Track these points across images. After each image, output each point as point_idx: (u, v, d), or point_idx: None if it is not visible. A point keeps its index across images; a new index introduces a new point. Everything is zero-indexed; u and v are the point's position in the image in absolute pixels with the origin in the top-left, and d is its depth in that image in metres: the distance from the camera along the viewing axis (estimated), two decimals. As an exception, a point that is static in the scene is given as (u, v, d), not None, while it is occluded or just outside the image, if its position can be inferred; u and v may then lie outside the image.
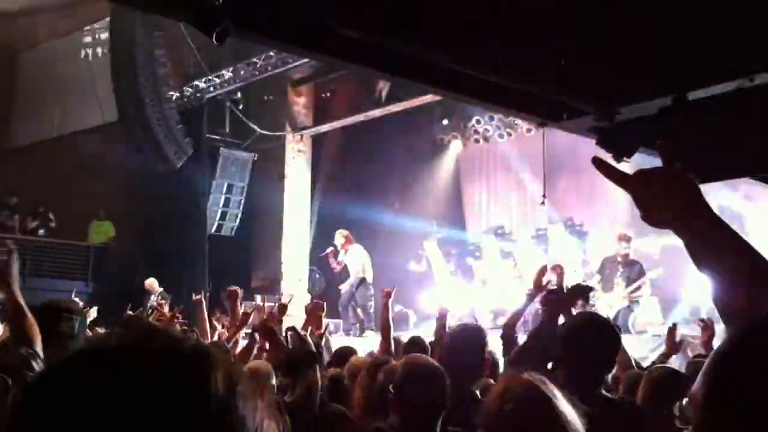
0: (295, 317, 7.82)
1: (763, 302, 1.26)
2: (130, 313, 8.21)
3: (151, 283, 13.77)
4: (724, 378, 1.08)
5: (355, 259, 14.09)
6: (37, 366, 3.08)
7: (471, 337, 4.03)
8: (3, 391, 2.91)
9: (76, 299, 6.27)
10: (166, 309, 8.03)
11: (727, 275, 1.38)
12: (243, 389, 0.84)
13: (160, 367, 0.80)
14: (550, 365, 4.29)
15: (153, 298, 13.11)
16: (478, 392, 3.72)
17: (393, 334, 6.11)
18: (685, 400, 3.61)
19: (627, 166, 3.19)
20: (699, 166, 3.01)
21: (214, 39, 2.26)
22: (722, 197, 10.80)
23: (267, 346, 5.29)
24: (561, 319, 4.07)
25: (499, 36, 2.87)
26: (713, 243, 1.41)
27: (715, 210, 1.45)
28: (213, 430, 0.80)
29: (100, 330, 7.96)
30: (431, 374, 3.28)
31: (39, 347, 3.18)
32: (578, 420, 2.14)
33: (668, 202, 1.47)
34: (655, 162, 1.61)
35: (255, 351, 5.83)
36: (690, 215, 1.44)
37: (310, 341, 4.11)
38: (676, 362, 6.47)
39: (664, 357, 6.06)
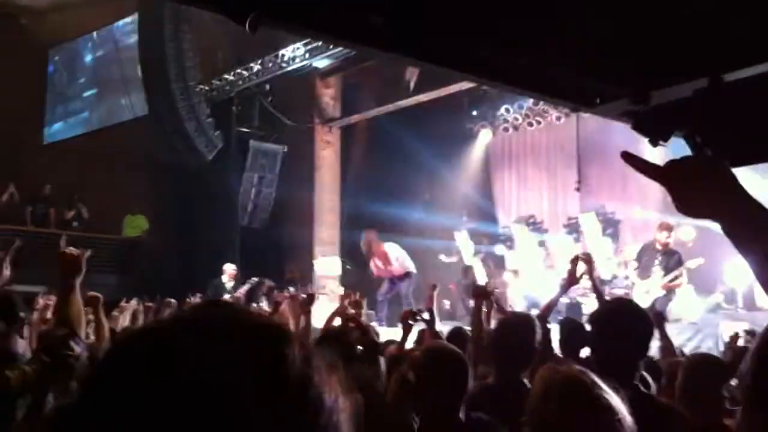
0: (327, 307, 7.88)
1: None
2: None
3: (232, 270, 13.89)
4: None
5: (391, 257, 13.80)
6: (75, 345, 3.13)
7: (520, 325, 4.01)
8: (45, 371, 2.98)
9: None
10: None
11: None
12: (318, 365, 0.82)
13: (233, 340, 0.79)
14: (587, 352, 4.27)
15: (231, 287, 13.22)
16: (526, 381, 3.70)
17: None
18: (734, 381, 3.58)
19: (661, 150, 3.15)
20: (737, 148, 2.96)
21: (247, 28, 2.25)
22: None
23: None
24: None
25: (530, 20, 2.84)
26: (753, 227, 1.38)
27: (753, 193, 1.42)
28: (293, 405, 0.78)
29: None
30: (452, 361, 3.29)
31: (80, 329, 3.24)
32: (623, 407, 2.10)
33: (704, 192, 1.43)
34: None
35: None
36: (727, 203, 1.41)
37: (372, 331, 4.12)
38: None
39: (563, 289, 5.99)
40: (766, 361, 1.08)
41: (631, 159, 1.58)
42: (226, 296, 12.37)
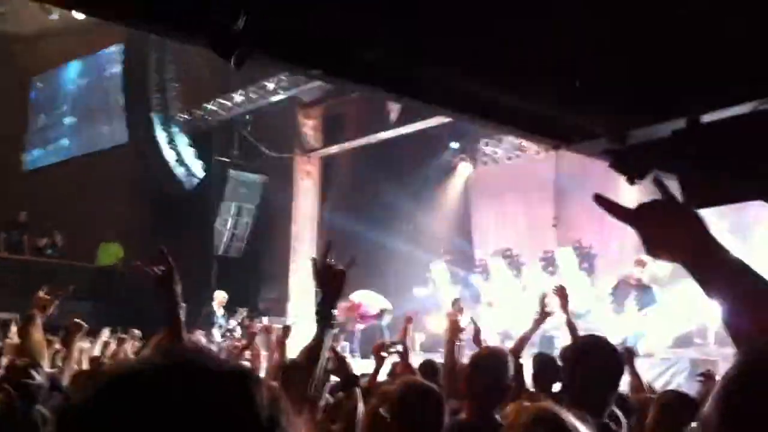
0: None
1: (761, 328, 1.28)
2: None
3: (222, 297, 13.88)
4: (737, 401, 1.09)
5: (368, 303, 14.06)
6: (38, 375, 3.13)
7: (494, 361, 4.00)
8: (10, 400, 2.97)
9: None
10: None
11: (736, 302, 1.39)
12: (285, 407, 0.85)
13: (208, 386, 0.81)
14: (557, 388, 4.28)
15: (221, 316, 13.19)
16: (498, 417, 3.71)
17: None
18: (694, 424, 3.59)
19: (637, 190, 3.21)
20: (713, 188, 3.02)
21: (232, 64, 2.28)
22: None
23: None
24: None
25: (512, 58, 2.89)
26: (720, 272, 1.42)
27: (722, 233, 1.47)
28: None
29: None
30: (426, 396, 3.28)
31: (42, 359, 3.24)
32: None
33: (673, 236, 1.48)
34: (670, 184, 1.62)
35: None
36: (693, 246, 1.45)
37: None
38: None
39: (536, 324, 6.04)
40: (734, 410, 1.11)
41: (603, 201, 1.63)
42: (218, 326, 12.44)
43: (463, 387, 3.92)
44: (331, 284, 2.94)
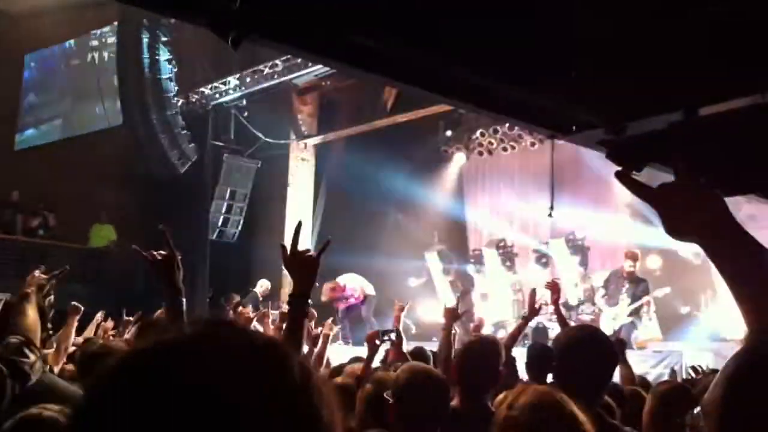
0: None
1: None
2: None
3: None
4: (743, 387, 1.09)
5: (353, 286, 14.14)
6: (31, 353, 3.10)
7: (485, 348, 4.01)
8: (1, 379, 2.94)
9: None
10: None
11: (753, 283, 1.38)
12: (317, 381, 0.87)
13: (241, 355, 0.83)
14: (549, 378, 4.29)
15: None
16: (489, 404, 3.72)
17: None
18: (696, 410, 3.60)
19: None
20: (709, 181, 3.01)
21: (229, 44, 2.25)
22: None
23: None
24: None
25: (510, 48, 2.88)
26: (738, 253, 1.42)
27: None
28: (296, 415, 0.82)
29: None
30: (433, 384, 3.30)
31: (34, 337, 3.20)
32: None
33: (693, 216, 1.48)
34: (664, 177, 1.62)
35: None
36: (715, 228, 1.45)
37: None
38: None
39: (525, 320, 6.20)
40: (740, 391, 1.10)
41: (624, 179, 1.62)
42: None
43: (454, 374, 3.93)
44: (302, 270, 2.89)
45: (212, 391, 0.78)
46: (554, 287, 6.28)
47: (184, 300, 2.93)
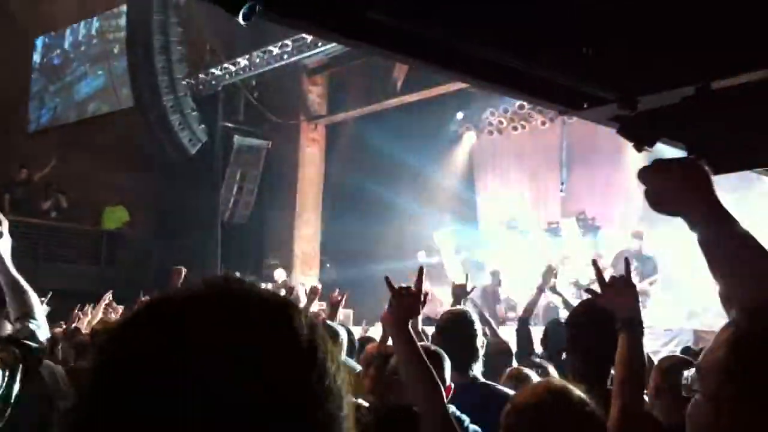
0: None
1: (764, 290, 1.30)
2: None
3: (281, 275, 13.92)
4: (744, 351, 1.12)
5: None
6: (42, 336, 3.12)
7: (457, 322, 4.05)
8: (15, 363, 2.96)
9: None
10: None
11: (734, 265, 1.44)
12: (322, 333, 0.89)
13: (249, 312, 0.85)
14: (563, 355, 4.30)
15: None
16: (478, 375, 3.80)
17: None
18: (690, 372, 3.59)
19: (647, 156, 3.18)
20: (721, 156, 3.00)
21: (240, 18, 2.25)
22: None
23: None
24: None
25: (520, 22, 2.86)
26: (719, 231, 1.47)
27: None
28: (302, 367, 0.84)
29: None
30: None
31: (42, 318, 3.21)
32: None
33: (681, 191, 1.53)
34: (675, 152, 1.65)
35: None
36: (700, 204, 1.50)
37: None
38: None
39: (538, 290, 6.44)
40: (745, 351, 1.13)
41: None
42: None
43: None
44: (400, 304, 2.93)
45: (220, 339, 0.81)
46: (551, 270, 6.40)
47: None
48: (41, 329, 3.15)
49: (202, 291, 0.87)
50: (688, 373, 1.30)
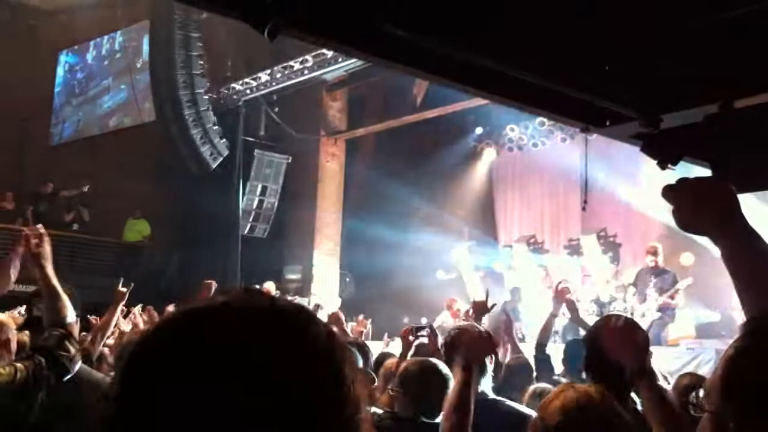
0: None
1: None
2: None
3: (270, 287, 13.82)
4: (742, 366, 1.14)
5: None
6: (71, 347, 3.12)
7: (464, 336, 4.04)
8: (39, 371, 2.97)
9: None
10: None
11: (757, 281, 1.44)
12: (340, 343, 0.92)
13: (267, 321, 0.89)
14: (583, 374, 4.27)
15: None
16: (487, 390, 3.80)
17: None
18: (701, 392, 3.55)
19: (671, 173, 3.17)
20: (743, 174, 2.99)
21: (266, 35, 2.28)
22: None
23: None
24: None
25: (543, 40, 2.87)
26: (745, 250, 1.48)
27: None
28: (319, 374, 0.87)
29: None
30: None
31: (74, 329, 3.22)
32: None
33: (706, 210, 1.54)
34: (697, 171, 1.67)
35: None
36: (725, 223, 1.52)
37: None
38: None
39: (551, 316, 6.19)
40: (738, 369, 1.16)
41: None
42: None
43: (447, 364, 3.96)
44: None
45: (239, 349, 0.84)
46: (561, 294, 6.25)
47: None
48: (70, 339, 3.16)
49: (223, 302, 0.91)
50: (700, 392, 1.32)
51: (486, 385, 3.92)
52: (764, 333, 1.17)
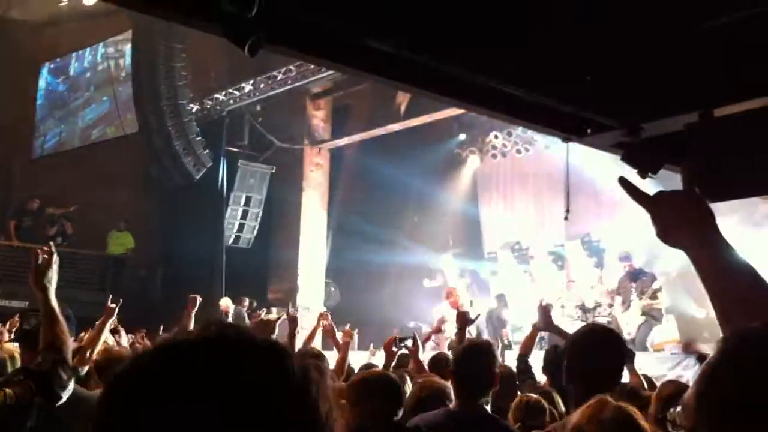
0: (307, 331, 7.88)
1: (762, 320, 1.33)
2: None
3: (226, 303, 13.73)
4: (714, 383, 1.15)
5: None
6: (64, 373, 3.09)
7: (481, 352, 4.02)
8: (29, 396, 2.94)
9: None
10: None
11: (730, 294, 1.46)
12: (314, 377, 0.92)
13: (241, 358, 0.89)
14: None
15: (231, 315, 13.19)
16: (488, 407, 3.78)
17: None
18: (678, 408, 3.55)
19: (651, 182, 3.19)
20: (724, 182, 3.01)
21: (246, 51, 2.28)
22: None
23: None
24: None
25: (524, 51, 2.88)
26: (720, 264, 1.51)
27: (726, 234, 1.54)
28: (294, 411, 0.88)
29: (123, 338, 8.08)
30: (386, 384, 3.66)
31: (68, 354, 3.20)
32: None
33: (683, 224, 1.57)
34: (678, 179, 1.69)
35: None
36: (702, 237, 1.54)
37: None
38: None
39: (534, 329, 6.09)
40: (711, 386, 1.17)
41: (626, 185, 1.73)
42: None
43: (452, 377, 3.96)
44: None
45: (216, 385, 0.85)
46: (545, 311, 6.10)
47: None
48: (64, 365, 3.13)
49: (198, 338, 0.91)
50: (679, 408, 1.33)
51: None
52: (739, 351, 1.18)
